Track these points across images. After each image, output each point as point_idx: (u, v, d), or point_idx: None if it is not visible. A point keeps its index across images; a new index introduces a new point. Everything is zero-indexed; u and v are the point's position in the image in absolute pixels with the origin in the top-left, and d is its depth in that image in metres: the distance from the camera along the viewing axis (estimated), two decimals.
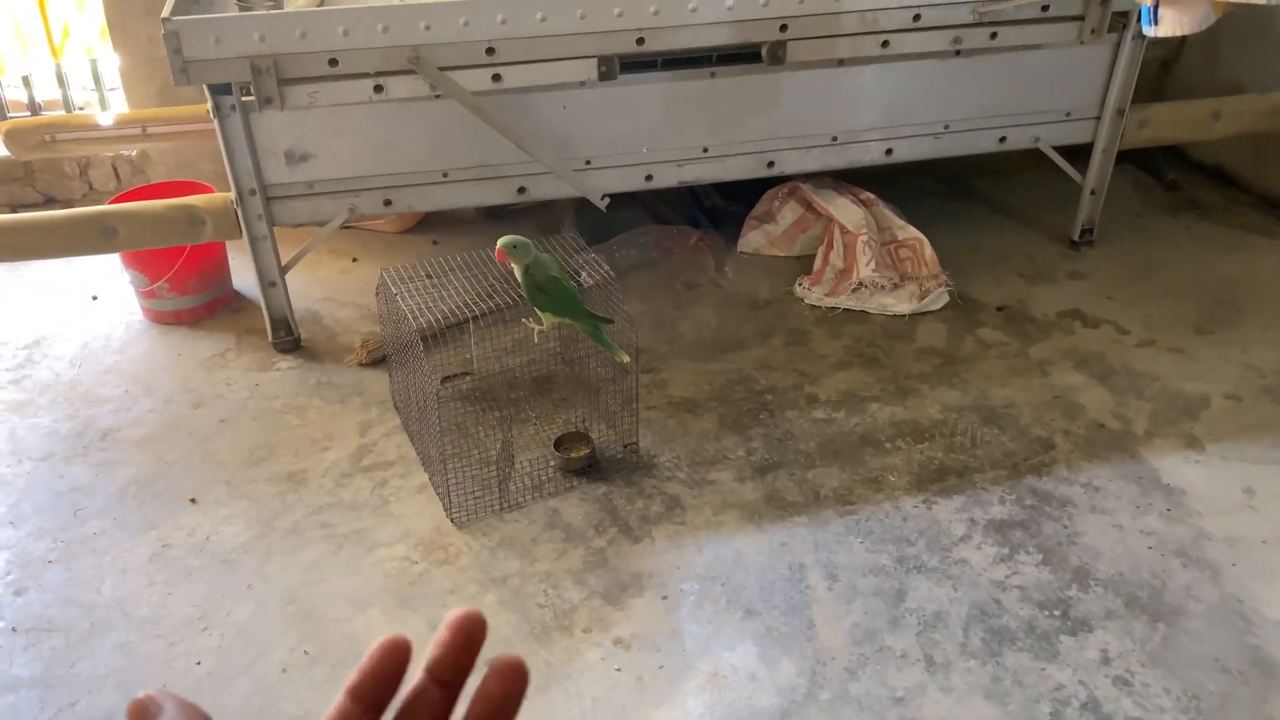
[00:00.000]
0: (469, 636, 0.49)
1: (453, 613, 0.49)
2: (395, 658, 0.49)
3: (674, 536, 2.19)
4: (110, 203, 2.86)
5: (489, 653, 1.69)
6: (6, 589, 2.08)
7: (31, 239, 2.57)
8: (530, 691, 1.79)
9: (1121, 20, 2.82)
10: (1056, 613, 1.99)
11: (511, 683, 0.48)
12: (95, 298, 3.09)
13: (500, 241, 2.20)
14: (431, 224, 3.44)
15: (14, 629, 1.99)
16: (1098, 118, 3.04)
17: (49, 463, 2.43)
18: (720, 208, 3.42)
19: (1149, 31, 1.93)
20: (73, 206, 3.45)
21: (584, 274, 2.43)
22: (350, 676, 0.49)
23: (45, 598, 2.06)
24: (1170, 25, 1.86)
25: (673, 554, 2.14)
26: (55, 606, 2.04)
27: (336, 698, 0.48)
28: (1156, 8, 1.88)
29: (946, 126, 2.93)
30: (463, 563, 2.13)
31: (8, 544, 2.19)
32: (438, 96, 2.48)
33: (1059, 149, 3.06)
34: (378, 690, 0.49)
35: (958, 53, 2.79)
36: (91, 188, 3.52)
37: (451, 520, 2.23)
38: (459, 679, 0.49)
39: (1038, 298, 3.02)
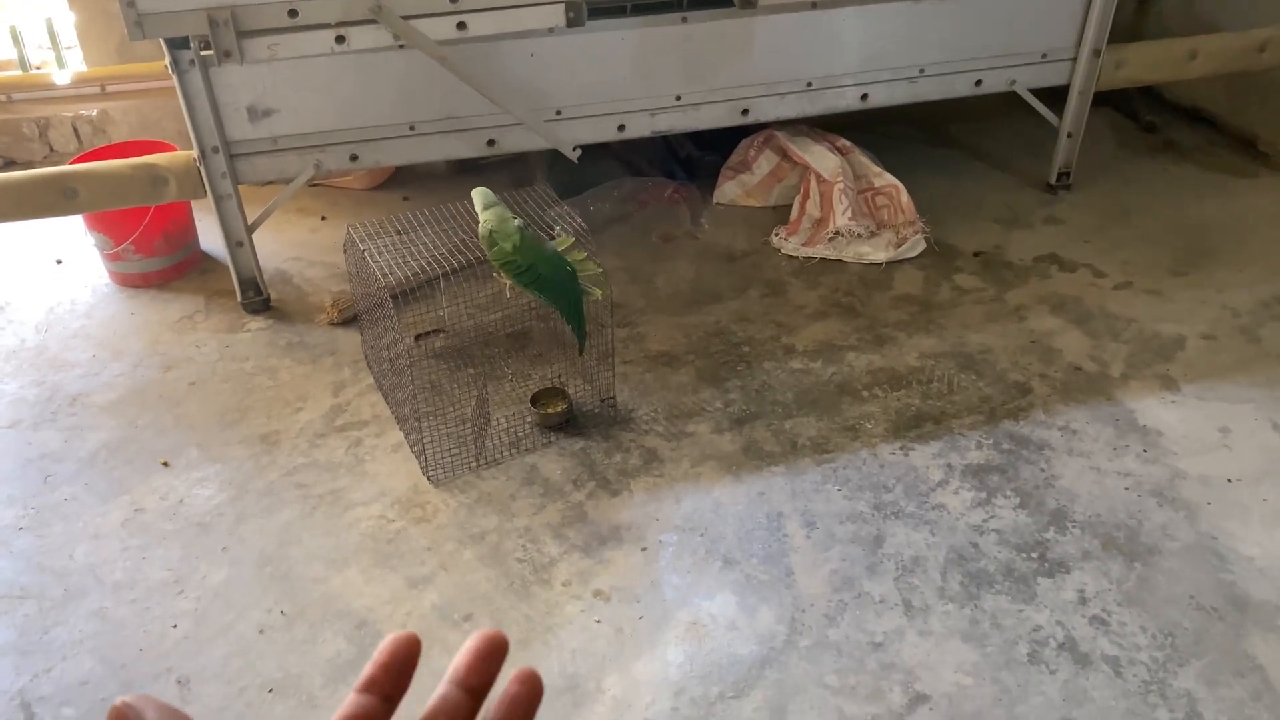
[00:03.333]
0: (493, 647, 0.51)
1: (477, 632, 0.52)
2: (406, 650, 0.50)
3: (652, 489, 2.18)
4: (71, 163, 2.79)
5: (472, 608, 1.68)
6: None
7: None
8: (511, 645, 1.78)
9: None
10: (1034, 555, 2.00)
11: (531, 687, 0.51)
12: (59, 261, 3.03)
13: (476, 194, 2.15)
14: (401, 180, 3.39)
15: None
16: (1074, 59, 3.01)
17: (17, 429, 2.39)
18: (695, 158, 3.38)
19: None
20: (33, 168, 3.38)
21: (557, 228, 2.39)
22: (360, 675, 0.49)
23: (17, 565, 2.04)
24: None
25: (651, 506, 2.14)
26: (27, 573, 2.02)
27: (347, 696, 0.49)
28: None
29: (922, 70, 2.89)
30: (440, 520, 2.11)
31: None
32: (402, 47, 2.42)
33: (1035, 92, 3.03)
34: (389, 682, 0.50)
35: None
36: (52, 149, 3.44)
37: (428, 478, 2.21)
38: (484, 686, 0.51)
39: (1014, 243, 3.00)
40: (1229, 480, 2.16)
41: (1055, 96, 3.07)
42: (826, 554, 2.01)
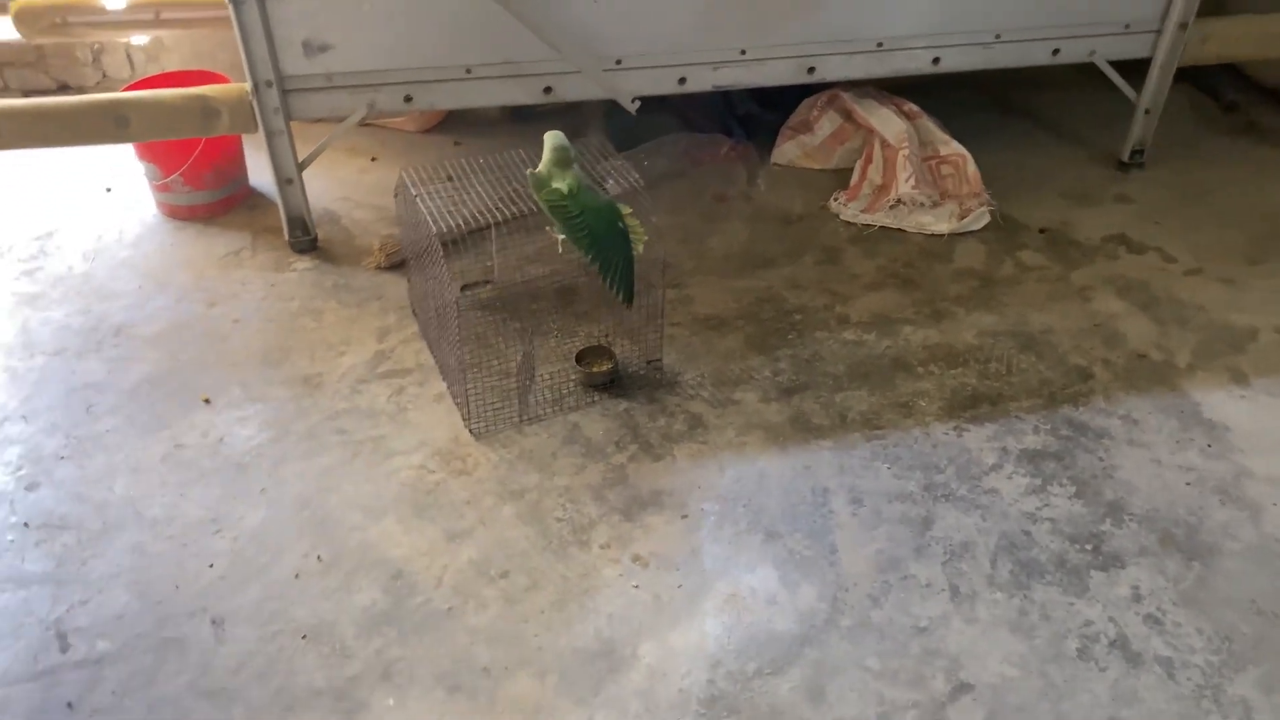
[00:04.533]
0: None
1: None
2: None
3: (696, 456, 2.13)
4: (124, 90, 2.76)
5: (509, 565, 1.62)
6: (19, 484, 2.06)
7: (43, 126, 2.48)
8: (546, 605, 1.75)
9: None
10: (1088, 547, 1.94)
11: None
12: (109, 190, 3.02)
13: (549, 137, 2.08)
14: (453, 124, 3.32)
15: (26, 524, 1.97)
16: (1158, 31, 2.87)
17: (61, 357, 2.38)
18: (754, 115, 3.28)
19: None
20: (85, 94, 3.36)
21: (610, 182, 2.32)
22: None
23: (57, 494, 2.04)
24: None
25: (694, 473, 2.09)
26: (67, 503, 2.02)
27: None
28: None
29: (998, 36, 2.77)
30: (480, 474, 2.08)
31: (20, 438, 2.16)
32: None
33: (1114, 64, 2.90)
34: None
35: None
36: (105, 75, 3.41)
37: (470, 431, 2.18)
38: None
39: (1082, 220, 2.89)
40: None
41: (1134, 69, 2.94)
42: (873, 533, 1.96)
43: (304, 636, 1.76)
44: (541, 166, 2.10)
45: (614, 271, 2.11)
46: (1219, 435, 2.18)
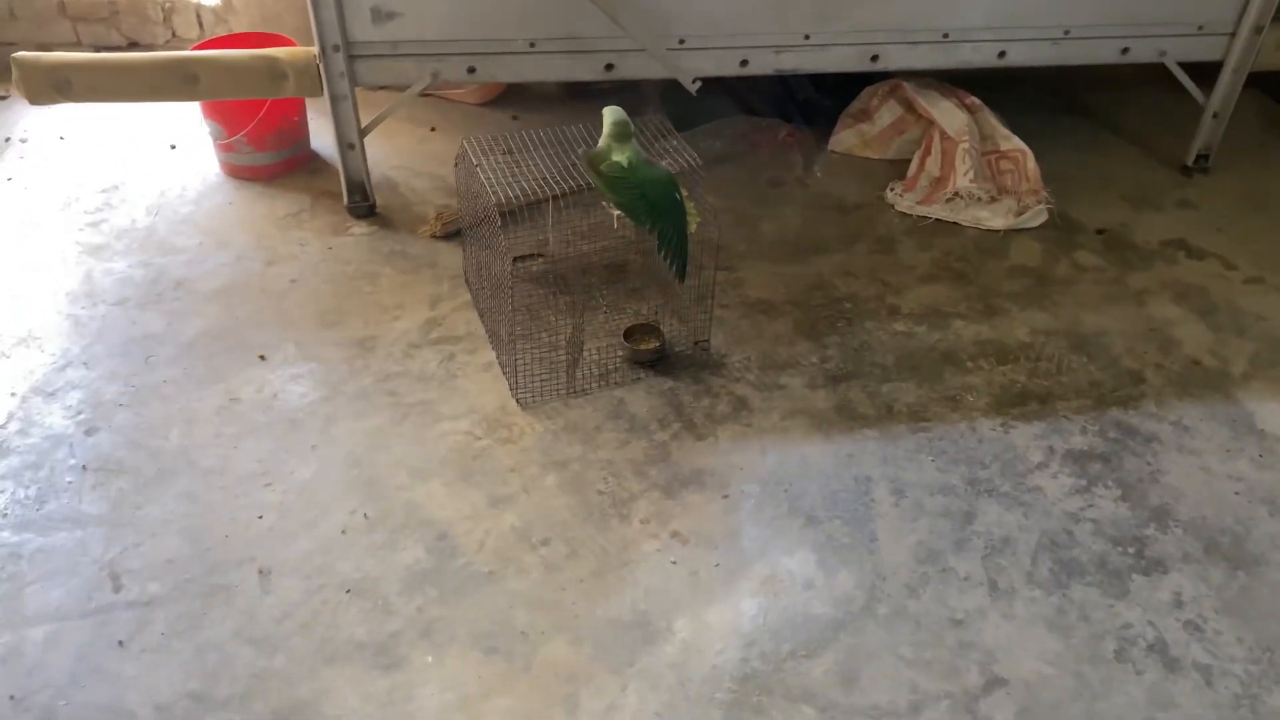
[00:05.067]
0: None
1: None
2: None
3: (739, 437, 2.14)
4: (193, 49, 2.80)
5: (549, 533, 1.66)
6: (79, 427, 2.11)
7: (115, 80, 2.53)
8: (585, 574, 1.77)
9: None
10: (1131, 550, 1.92)
11: None
12: (174, 147, 3.07)
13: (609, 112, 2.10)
14: (511, 99, 3.34)
15: (84, 466, 2.02)
16: (1232, 34, 2.81)
17: (123, 308, 2.44)
18: (813, 101, 3.27)
19: None
20: (156, 51, 3.41)
21: (666, 161, 2.33)
22: None
23: (115, 439, 2.09)
24: None
25: (736, 454, 2.10)
26: (124, 449, 2.07)
27: None
28: None
29: (1066, 32, 2.73)
30: (525, 443, 2.11)
31: (81, 384, 2.22)
32: None
33: (1184, 66, 2.85)
34: None
35: None
36: (175, 34, 3.47)
37: (517, 400, 2.20)
38: None
39: (1142, 224, 2.85)
40: None
41: (1203, 72, 2.88)
42: (914, 524, 1.96)
43: (348, 591, 1.80)
44: (602, 140, 2.12)
45: (669, 244, 2.12)
46: (1270, 446, 2.15)
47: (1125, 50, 2.80)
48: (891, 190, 2.90)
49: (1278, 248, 2.76)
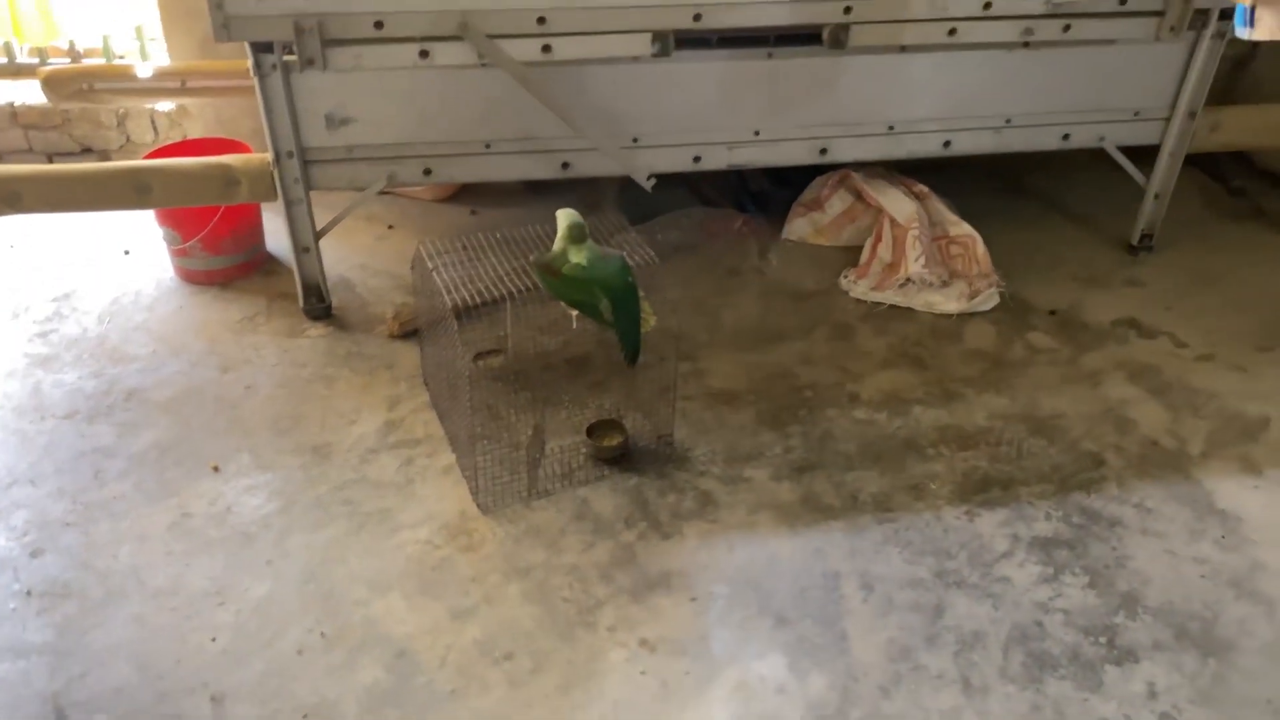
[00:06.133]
0: None
1: None
2: None
3: (706, 535, 2.12)
4: (146, 157, 2.80)
5: (513, 646, 1.59)
6: (24, 550, 2.04)
7: (66, 192, 2.51)
8: (551, 689, 1.72)
9: (1202, 18, 2.68)
10: (1102, 640, 1.91)
11: None
12: (127, 252, 3.05)
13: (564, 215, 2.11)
14: (470, 193, 3.36)
15: (29, 592, 1.95)
16: (1167, 119, 2.91)
17: (72, 421, 2.39)
18: (767, 192, 3.32)
19: (1243, 34, 1.81)
20: (109, 157, 3.42)
21: (625, 254, 2.34)
22: None
23: (62, 561, 2.02)
24: (1268, 29, 1.74)
25: (704, 553, 2.07)
26: (71, 570, 2.00)
27: None
28: (1254, 9, 1.76)
29: (1008, 121, 2.81)
30: (487, 550, 2.07)
31: (27, 502, 2.16)
32: (485, 65, 2.39)
33: (1124, 150, 2.94)
34: None
35: (1026, 44, 2.67)
36: (129, 139, 3.47)
37: (478, 505, 2.17)
38: None
39: (1092, 303, 2.90)
40: None
41: (1143, 154, 2.97)
42: (884, 620, 1.94)
43: (305, 716, 1.73)
44: (557, 243, 2.12)
45: (621, 329, 2.11)
46: (1232, 526, 2.16)
47: (1066, 136, 2.88)
48: (846, 277, 2.94)
49: (1226, 324, 2.82)
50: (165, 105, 3.38)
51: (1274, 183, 3.53)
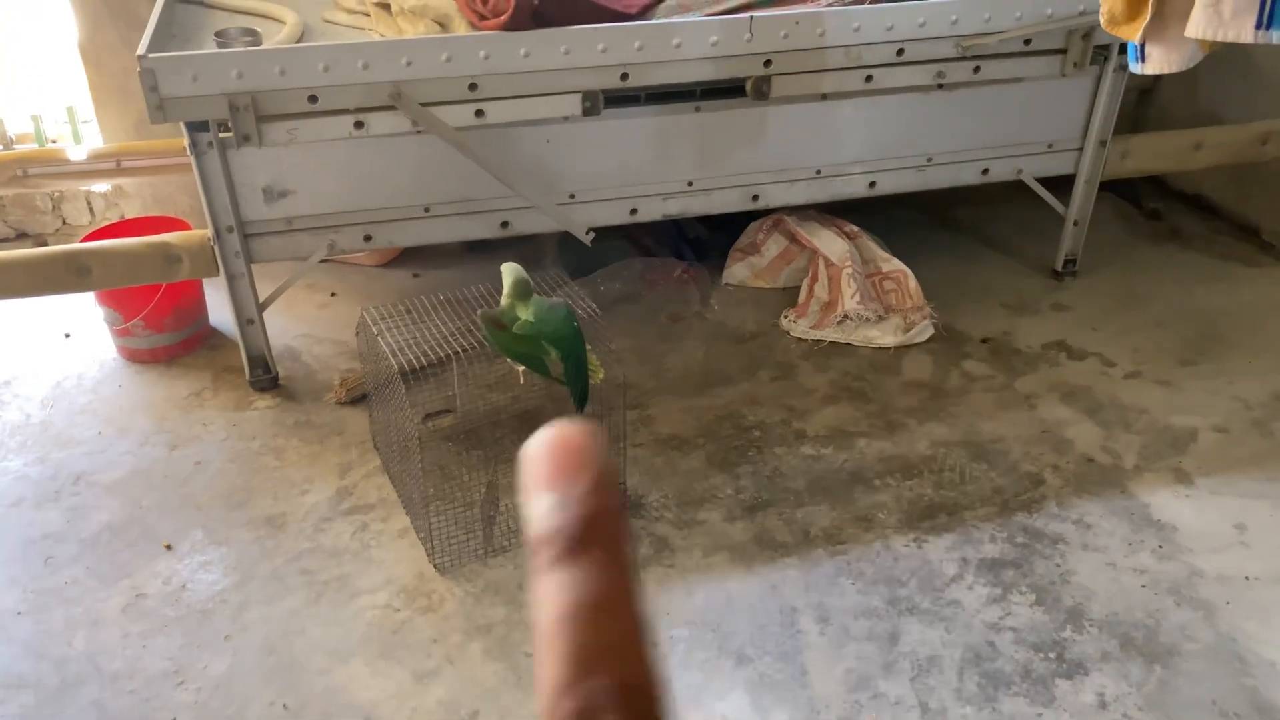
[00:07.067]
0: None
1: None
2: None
3: (663, 580, 2.15)
4: (84, 239, 2.80)
5: (478, 705, 1.62)
6: None
7: (3, 278, 2.50)
8: None
9: (1103, 54, 2.83)
10: (1052, 655, 1.97)
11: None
12: (68, 335, 3.03)
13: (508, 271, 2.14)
14: (412, 257, 3.40)
15: None
16: (1080, 149, 3.04)
17: (19, 509, 2.36)
18: (704, 239, 3.40)
19: (1135, 69, 1.92)
20: (45, 241, 3.40)
21: (567, 301, 2.38)
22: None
23: (14, 652, 1.99)
24: (1157, 63, 1.85)
25: (662, 598, 2.10)
26: (25, 661, 1.97)
27: None
28: (1143, 46, 1.87)
29: (929, 159, 2.93)
30: (447, 610, 2.08)
31: None
32: (419, 132, 2.45)
33: (1042, 180, 3.06)
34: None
35: (940, 86, 2.79)
36: (65, 222, 3.46)
37: (435, 566, 2.18)
38: None
39: (1022, 329, 3.01)
40: (1247, 578, 2.13)
41: (1061, 183, 3.10)
42: (841, 651, 1.98)
43: None
44: (504, 299, 2.16)
45: (570, 376, 2.14)
46: (1168, 536, 2.25)
47: (985, 171, 3.00)
48: (785, 317, 3.01)
49: (1150, 342, 2.93)
50: (101, 186, 3.38)
51: (1188, 203, 3.70)
